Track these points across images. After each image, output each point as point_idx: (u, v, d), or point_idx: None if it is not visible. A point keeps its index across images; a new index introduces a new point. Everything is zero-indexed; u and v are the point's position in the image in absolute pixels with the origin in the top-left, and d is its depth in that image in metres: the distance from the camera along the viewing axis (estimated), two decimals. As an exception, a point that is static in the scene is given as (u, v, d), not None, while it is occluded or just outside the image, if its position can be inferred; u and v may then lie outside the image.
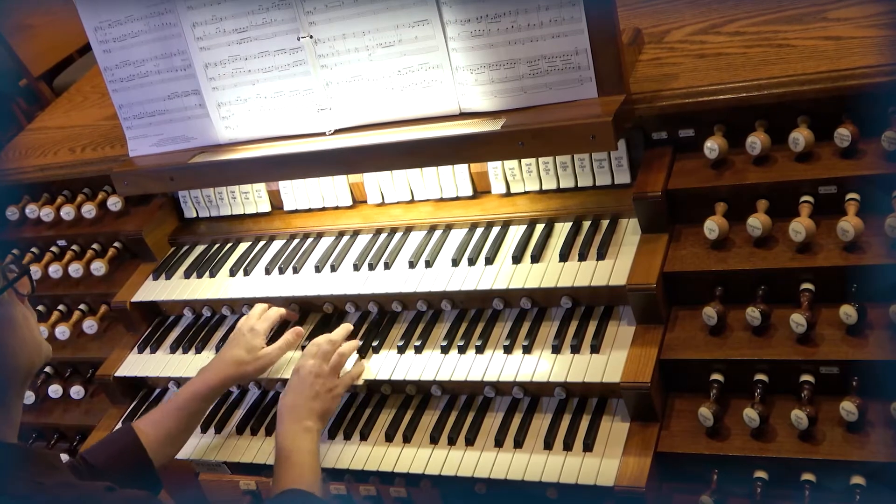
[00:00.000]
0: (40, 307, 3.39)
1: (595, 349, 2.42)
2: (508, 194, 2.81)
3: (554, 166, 2.70)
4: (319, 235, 3.02)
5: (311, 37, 2.71)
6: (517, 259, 2.61)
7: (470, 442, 2.47)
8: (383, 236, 2.90)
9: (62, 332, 3.23)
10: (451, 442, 2.49)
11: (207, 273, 3.05)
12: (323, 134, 2.82)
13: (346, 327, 2.70)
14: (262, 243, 3.10)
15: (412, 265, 2.73)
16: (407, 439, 2.54)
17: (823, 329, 2.24)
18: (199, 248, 3.21)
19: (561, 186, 2.73)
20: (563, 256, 2.56)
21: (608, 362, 2.38)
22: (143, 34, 2.93)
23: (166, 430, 2.53)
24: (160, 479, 2.50)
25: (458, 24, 2.53)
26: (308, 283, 2.85)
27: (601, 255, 2.51)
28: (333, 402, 2.54)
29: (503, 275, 2.59)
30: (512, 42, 2.50)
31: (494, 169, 2.79)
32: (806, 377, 2.22)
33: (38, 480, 1.76)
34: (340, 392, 2.56)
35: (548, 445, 2.38)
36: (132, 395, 3.06)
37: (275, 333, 2.80)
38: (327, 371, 2.55)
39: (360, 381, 2.62)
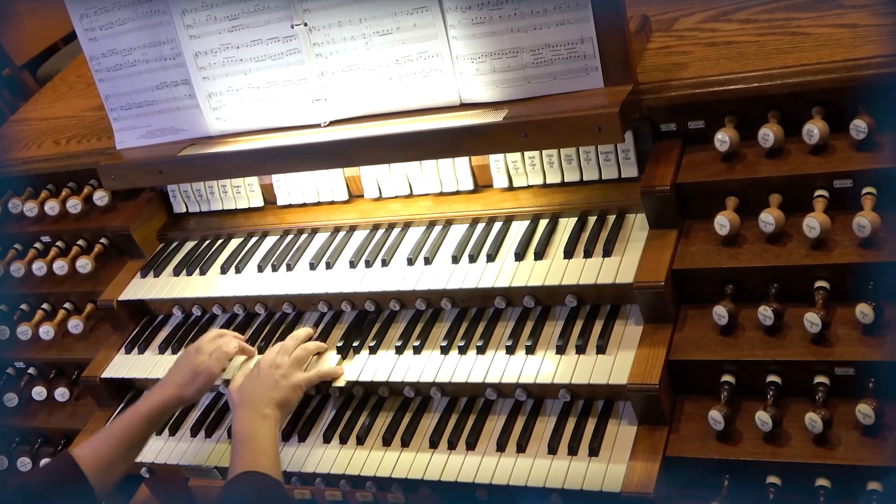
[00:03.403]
0: (24, 306, 3.39)
1: (601, 349, 2.42)
2: (511, 188, 2.81)
3: (558, 159, 2.70)
4: (314, 231, 3.02)
5: (306, 24, 2.71)
6: (520, 256, 2.61)
7: (471, 446, 2.47)
8: (381, 232, 2.90)
9: (46, 331, 3.23)
10: (451, 446, 2.49)
11: (197, 270, 3.05)
12: (318, 125, 2.82)
13: (307, 330, 2.75)
14: (254, 239, 3.10)
15: (411, 262, 2.73)
16: (405, 443, 2.54)
17: (839, 329, 2.23)
18: (189, 245, 3.20)
19: (565, 180, 2.73)
20: (568, 253, 2.56)
21: (614, 363, 2.37)
22: (131, 22, 2.93)
23: (108, 457, 2.50)
24: None
25: (458, 10, 2.52)
26: (302, 280, 2.85)
27: (607, 252, 2.51)
28: (294, 393, 2.55)
29: (505, 272, 2.59)
30: (514, 30, 2.50)
31: (496, 162, 2.78)
32: (820, 379, 2.21)
33: None
34: (301, 383, 2.57)
35: (552, 450, 2.38)
36: (119, 397, 3.06)
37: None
38: (288, 362, 2.59)
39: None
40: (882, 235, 2.22)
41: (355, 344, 2.70)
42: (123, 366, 3.01)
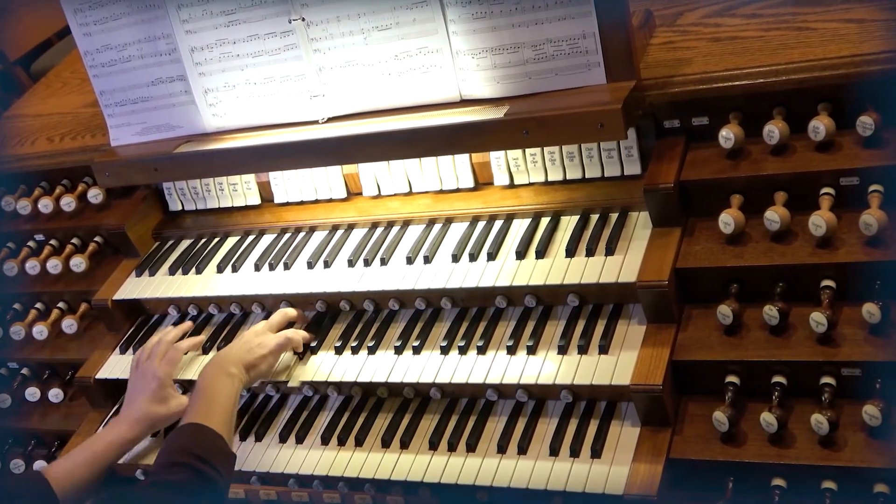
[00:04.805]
0: (17, 305, 3.39)
1: (603, 350, 2.41)
2: (512, 186, 2.80)
3: (560, 156, 2.70)
4: (312, 229, 3.02)
5: (303, 19, 2.71)
6: (521, 255, 2.61)
7: (471, 448, 2.47)
8: (379, 230, 2.90)
9: (40, 331, 3.22)
10: (451, 448, 2.49)
11: (193, 269, 3.05)
12: (316, 122, 2.82)
13: (296, 312, 2.85)
14: (251, 238, 3.10)
15: (410, 261, 2.73)
16: (404, 445, 2.54)
17: (845, 328, 2.23)
18: (185, 243, 3.20)
19: (567, 178, 2.73)
20: (570, 252, 2.56)
21: (617, 364, 2.37)
22: (126, 16, 2.93)
23: (79, 481, 2.55)
24: None
25: (458, 5, 2.52)
26: (300, 279, 2.85)
27: (610, 251, 2.51)
28: (264, 360, 2.65)
29: (506, 271, 2.59)
30: (516, 25, 2.49)
31: (497, 159, 2.78)
32: (826, 379, 2.21)
33: None
34: (272, 349, 2.66)
35: (553, 452, 2.38)
36: (114, 398, 3.05)
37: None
38: (267, 332, 2.69)
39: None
40: (889, 233, 2.22)
41: (354, 344, 2.70)
42: (118, 366, 3.01)
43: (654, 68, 2.54)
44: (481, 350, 2.54)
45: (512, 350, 2.51)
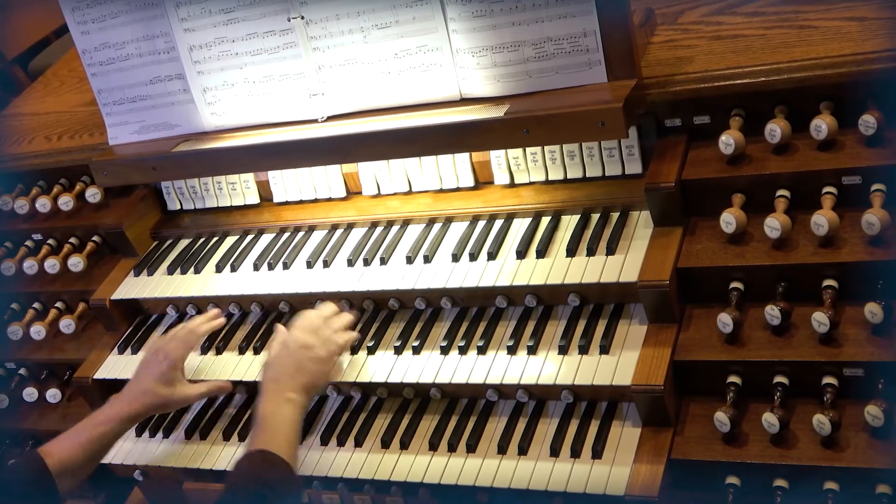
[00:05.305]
0: (14, 305, 3.39)
1: (604, 350, 2.41)
2: (512, 185, 2.80)
3: (561, 155, 2.70)
4: (311, 229, 3.02)
5: (303, 17, 2.71)
6: (521, 254, 2.60)
7: (471, 448, 2.47)
8: (379, 230, 2.90)
9: (37, 331, 3.22)
10: (452, 448, 2.49)
11: (192, 269, 3.05)
12: (315, 121, 2.82)
13: (332, 307, 2.68)
14: (250, 237, 3.10)
15: (410, 260, 2.73)
16: (404, 446, 2.54)
17: (847, 328, 2.23)
18: (184, 243, 3.20)
19: (568, 177, 2.72)
20: (571, 251, 2.56)
21: (618, 364, 2.37)
22: (124, 15, 2.92)
23: (76, 460, 2.51)
24: None
25: (458, 3, 2.52)
26: (299, 279, 2.85)
27: (611, 250, 2.51)
28: (321, 378, 2.53)
29: (506, 271, 2.58)
30: (516, 23, 2.49)
31: (497, 158, 2.78)
32: (828, 379, 2.21)
33: None
34: (329, 367, 2.54)
35: (554, 452, 2.38)
36: (112, 398, 3.05)
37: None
38: (317, 344, 2.54)
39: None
40: (891, 233, 2.22)
41: (353, 344, 2.70)
42: (116, 366, 3.01)
43: (655, 67, 2.54)
44: (481, 350, 2.54)
45: (512, 350, 2.51)
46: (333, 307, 2.68)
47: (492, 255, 2.63)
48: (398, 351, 2.64)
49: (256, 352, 2.82)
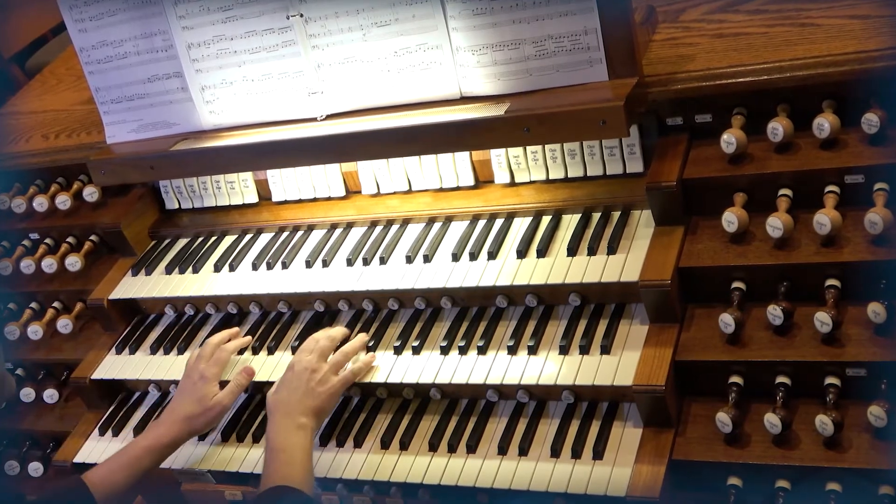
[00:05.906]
0: (11, 305, 3.38)
1: (605, 350, 2.41)
2: (513, 184, 2.80)
3: (561, 154, 2.69)
4: (310, 228, 3.01)
5: (302, 15, 2.70)
6: (522, 253, 2.60)
7: (471, 449, 2.47)
8: (379, 229, 2.89)
9: (34, 331, 3.22)
10: (452, 449, 2.49)
11: (190, 268, 3.05)
12: (314, 119, 2.82)
13: (342, 330, 2.69)
14: (248, 236, 3.09)
15: (410, 260, 2.73)
16: (404, 446, 2.54)
17: (850, 328, 2.23)
18: (182, 242, 3.20)
19: (569, 175, 2.72)
20: (572, 251, 2.56)
21: (619, 364, 2.37)
22: (122, 12, 2.92)
23: (117, 487, 2.55)
24: None
25: (458, 1, 2.52)
26: (298, 279, 2.85)
27: (612, 250, 2.51)
28: (330, 401, 2.54)
29: (507, 270, 2.58)
30: (516, 21, 2.49)
31: (498, 157, 2.78)
32: (831, 380, 2.21)
33: None
34: (338, 389, 2.55)
35: (555, 453, 2.38)
36: (110, 399, 3.05)
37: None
38: (325, 368, 2.56)
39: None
40: (895, 232, 2.22)
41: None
42: (114, 366, 3.01)
43: (657, 65, 2.54)
44: (482, 350, 2.54)
45: (513, 350, 2.51)
46: (344, 331, 2.68)
47: (492, 255, 2.63)
48: (398, 351, 2.63)
49: (255, 352, 2.82)
